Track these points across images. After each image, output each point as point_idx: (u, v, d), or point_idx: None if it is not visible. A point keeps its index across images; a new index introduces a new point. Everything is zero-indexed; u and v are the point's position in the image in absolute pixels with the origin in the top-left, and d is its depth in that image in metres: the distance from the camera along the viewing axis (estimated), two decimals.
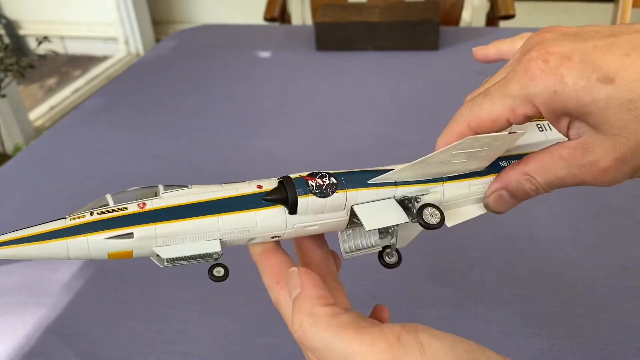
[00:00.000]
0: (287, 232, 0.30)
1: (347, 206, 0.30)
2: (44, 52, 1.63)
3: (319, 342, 0.25)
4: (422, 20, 0.96)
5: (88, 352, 0.46)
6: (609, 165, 0.26)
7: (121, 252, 0.27)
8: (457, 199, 0.33)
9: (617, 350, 0.43)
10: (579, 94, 0.25)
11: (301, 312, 0.27)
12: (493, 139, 0.29)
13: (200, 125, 0.81)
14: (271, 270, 0.31)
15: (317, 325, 0.26)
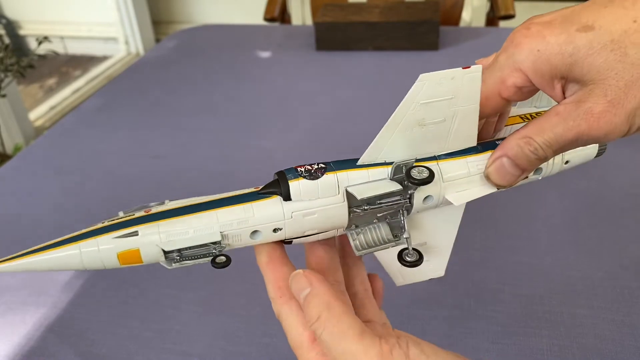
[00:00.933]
0: (286, 222, 0.30)
1: (341, 189, 0.30)
2: (44, 52, 1.63)
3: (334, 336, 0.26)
4: (422, 20, 0.96)
5: (88, 352, 0.46)
6: (603, 110, 0.26)
7: (129, 251, 0.28)
8: (457, 178, 0.32)
9: (617, 350, 0.43)
10: (562, 47, 0.26)
11: (319, 305, 0.27)
12: (447, 75, 0.29)
13: (200, 125, 0.81)
14: (276, 283, 0.31)
15: (333, 317, 0.26)
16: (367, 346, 0.25)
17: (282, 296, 0.30)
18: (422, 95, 0.30)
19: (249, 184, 0.33)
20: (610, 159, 0.38)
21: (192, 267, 0.31)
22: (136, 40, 2.79)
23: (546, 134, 0.28)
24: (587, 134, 0.27)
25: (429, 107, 0.30)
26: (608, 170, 0.63)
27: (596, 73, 0.26)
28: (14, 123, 2.03)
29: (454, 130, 0.31)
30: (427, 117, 0.30)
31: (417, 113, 0.30)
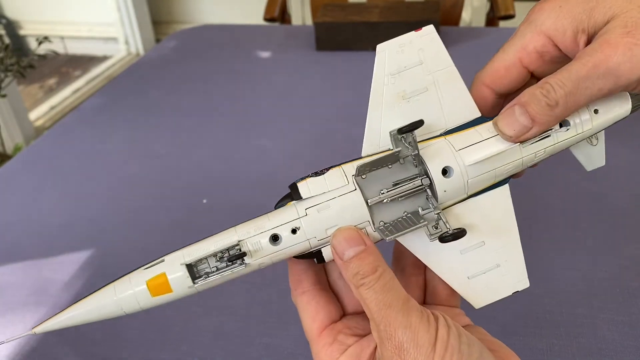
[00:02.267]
0: (302, 219, 0.29)
1: (349, 178, 0.29)
2: (44, 52, 1.63)
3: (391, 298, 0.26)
4: (422, 20, 0.96)
5: (88, 352, 0.46)
6: (621, 38, 0.25)
7: (156, 277, 0.29)
8: (471, 144, 0.30)
9: (617, 350, 0.43)
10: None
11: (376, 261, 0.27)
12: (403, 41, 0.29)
13: (200, 125, 0.81)
14: (294, 276, 0.32)
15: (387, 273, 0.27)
16: (410, 306, 0.25)
17: (297, 288, 0.31)
18: (389, 67, 0.29)
19: (249, 184, 0.33)
20: (611, 159, 0.38)
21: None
22: (136, 40, 2.80)
23: (560, 73, 0.27)
24: (604, 65, 0.26)
25: (402, 77, 0.29)
26: (608, 170, 0.63)
27: (618, 8, 0.25)
28: (14, 123, 2.03)
29: (444, 99, 0.30)
30: (407, 88, 0.30)
31: (395, 86, 0.29)
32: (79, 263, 0.56)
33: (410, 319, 0.25)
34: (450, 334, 0.25)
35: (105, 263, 0.56)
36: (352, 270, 0.27)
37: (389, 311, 0.25)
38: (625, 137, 0.71)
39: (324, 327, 0.30)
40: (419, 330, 0.25)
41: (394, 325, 0.25)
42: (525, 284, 0.31)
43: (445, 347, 0.24)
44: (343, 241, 0.28)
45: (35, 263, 0.57)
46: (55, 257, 0.57)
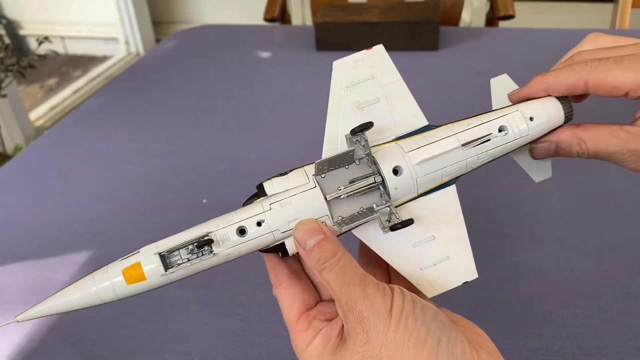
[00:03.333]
0: (267, 213, 0.31)
1: (310, 177, 0.32)
2: (45, 52, 1.63)
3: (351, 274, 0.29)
4: (422, 20, 0.96)
5: (88, 352, 0.46)
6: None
7: (131, 266, 0.31)
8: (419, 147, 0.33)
9: (617, 350, 0.43)
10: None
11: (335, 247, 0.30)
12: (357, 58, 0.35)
13: (201, 125, 0.81)
14: (271, 274, 0.34)
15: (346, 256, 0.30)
16: (367, 281, 0.28)
17: (275, 282, 0.34)
18: (345, 80, 0.34)
19: (249, 184, 0.33)
20: None
21: None
22: (136, 41, 2.80)
23: (599, 147, 0.33)
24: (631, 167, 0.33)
25: (356, 89, 0.34)
26: (608, 171, 0.63)
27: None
28: (14, 123, 2.03)
29: (394, 109, 0.34)
30: (361, 99, 0.34)
31: (350, 97, 0.34)
32: (79, 263, 0.56)
33: (367, 290, 0.28)
34: (405, 301, 0.28)
35: (105, 263, 0.56)
36: (314, 258, 0.30)
37: (348, 287, 0.28)
38: None
39: (300, 314, 0.32)
40: (375, 299, 0.28)
41: (354, 298, 0.28)
42: (474, 275, 0.34)
43: (401, 312, 0.27)
44: (304, 232, 0.30)
45: (35, 263, 0.57)
46: (55, 257, 0.57)
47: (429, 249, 0.33)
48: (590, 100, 0.39)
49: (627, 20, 1.14)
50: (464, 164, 0.34)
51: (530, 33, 1.05)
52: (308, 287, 0.34)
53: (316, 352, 0.30)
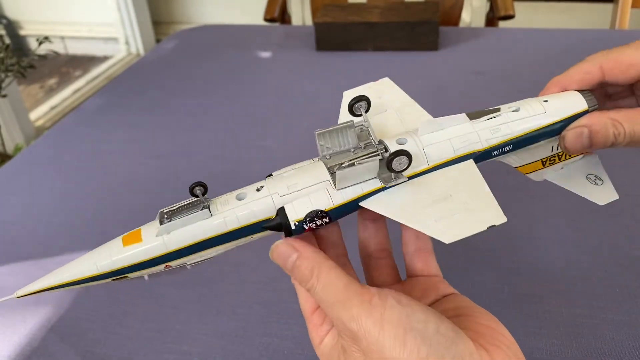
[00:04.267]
0: (267, 180, 0.32)
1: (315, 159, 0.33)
2: (45, 52, 1.63)
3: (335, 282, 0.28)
4: (421, 20, 0.96)
5: (88, 352, 0.46)
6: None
7: (132, 232, 0.31)
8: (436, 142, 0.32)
9: (617, 350, 0.43)
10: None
11: (309, 264, 0.29)
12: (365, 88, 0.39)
13: (200, 125, 0.81)
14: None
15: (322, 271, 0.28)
16: (350, 295, 0.27)
17: None
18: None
19: (249, 184, 0.33)
20: (610, 159, 0.38)
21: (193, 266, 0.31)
22: (136, 41, 2.80)
23: (635, 127, 0.31)
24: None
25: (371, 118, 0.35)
26: (608, 170, 0.63)
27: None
28: (14, 123, 2.03)
29: (404, 118, 0.35)
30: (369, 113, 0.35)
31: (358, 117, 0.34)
32: None
33: (352, 311, 0.26)
34: (400, 313, 0.26)
35: None
36: (297, 279, 0.29)
37: (333, 309, 0.27)
38: None
39: (315, 308, 0.32)
40: (361, 318, 0.26)
41: (342, 320, 0.26)
42: (502, 219, 0.31)
43: (395, 327, 0.25)
44: (278, 258, 0.30)
45: (35, 263, 0.57)
46: (55, 257, 0.57)
47: (444, 205, 0.30)
48: None
49: (627, 20, 1.14)
50: (475, 137, 0.33)
51: (530, 33, 1.05)
52: None
53: (327, 349, 0.30)
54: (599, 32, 1.05)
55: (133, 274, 0.31)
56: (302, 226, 0.30)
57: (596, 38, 1.02)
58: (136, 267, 0.30)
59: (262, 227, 0.31)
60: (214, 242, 0.31)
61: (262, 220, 0.31)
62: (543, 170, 0.37)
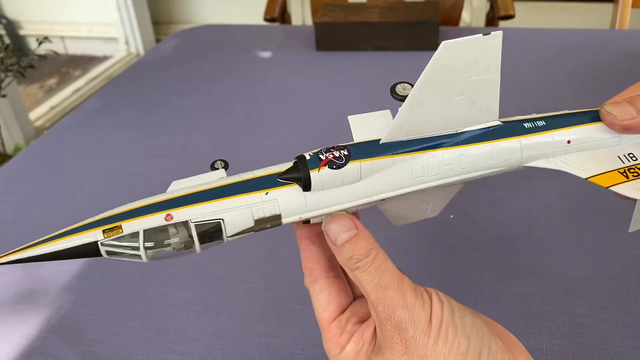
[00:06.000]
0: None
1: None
2: (45, 52, 1.63)
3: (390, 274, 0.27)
4: (422, 20, 0.96)
5: (88, 352, 0.46)
6: None
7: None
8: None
9: (617, 350, 0.43)
10: None
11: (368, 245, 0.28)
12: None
13: (201, 125, 0.81)
14: (306, 264, 0.32)
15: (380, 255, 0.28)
16: (405, 285, 0.27)
17: (310, 276, 0.32)
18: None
19: None
20: None
21: (192, 267, 0.31)
22: (136, 41, 2.80)
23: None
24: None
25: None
26: None
27: None
28: (14, 123, 2.03)
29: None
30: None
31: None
32: (79, 263, 0.56)
33: (406, 298, 0.26)
34: (444, 308, 0.27)
35: (105, 263, 0.56)
36: (346, 255, 0.28)
37: (385, 292, 0.27)
38: None
39: (334, 317, 0.31)
40: (415, 308, 0.26)
41: (392, 306, 0.26)
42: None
43: (440, 321, 0.26)
44: (335, 227, 0.29)
45: (34, 263, 0.56)
46: None
47: None
48: None
49: (627, 20, 1.14)
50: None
51: (530, 33, 1.05)
52: (344, 287, 0.32)
53: (350, 357, 0.29)
54: (599, 32, 1.05)
55: (127, 222, 0.27)
56: (317, 156, 0.28)
57: (596, 38, 1.02)
58: (132, 213, 0.28)
59: (278, 179, 0.29)
60: (221, 191, 0.28)
61: (278, 173, 0.29)
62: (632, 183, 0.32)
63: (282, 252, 0.55)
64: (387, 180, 0.29)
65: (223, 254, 0.55)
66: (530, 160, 0.32)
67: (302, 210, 0.28)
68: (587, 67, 0.90)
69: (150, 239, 0.27)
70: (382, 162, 0.29)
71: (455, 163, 0.30)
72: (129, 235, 0.27)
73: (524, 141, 0.32)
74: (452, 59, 0.29)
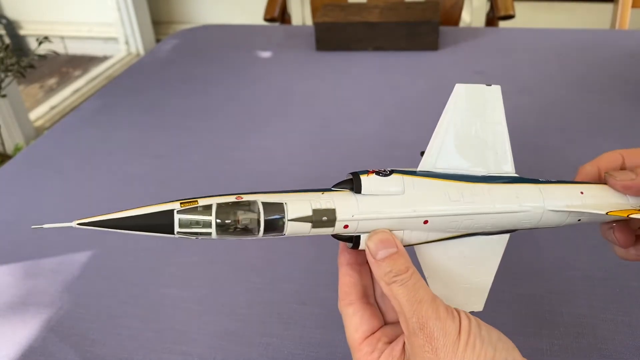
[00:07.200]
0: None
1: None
2: (45, 52, 1.63)
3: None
4: (422, 20, 0.96)
5: (88, 352, 0.46)
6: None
7: None
8: None
9: (617, 350, 0.43)
10: None
11: (407, 262, 0.31)
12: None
13: (200, 125, 0.81)
14: (342, 287, 0.34)
15: (416, 274, 0.30)
16: (438, 301, 0.29)
17: (344, 299, 0.34)
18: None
19: (249, 184, 0.33)
20: None
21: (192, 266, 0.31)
22: (136, 41, 2.80)
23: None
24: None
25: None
26: None
27: None
28: (14, 123, 2.03)
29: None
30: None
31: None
32: (79, 263, 0.56)
33: (439, 312, 0.29)
34: (472, 324, 0.29)
35: (105, 263, 0.56)
36: (385, 269, 0.30)
37: (420, 305, 0.29)
38: (625, 136, 0.71)
39: (365, 337, 0.32)
40: (447, 320, 0.28)
41: (425, 318, 0.28)
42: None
43: (468, 334, 0.28)
44: (378, 242, 0.31)
45: (35, 263, 0.57)
46: (55, 257, 0.57)
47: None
48: None
49: (627, 20, 1.14)
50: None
51: (530, 33, 1.05)
52: (376, 313, 0.34)
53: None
54: (599, 32, 1.05)
55: (203, 198, 0.29)
56: (366, 170, 0.32)
57: (596, 38, 1.02)
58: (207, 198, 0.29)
59: (332, 187, 0.32)
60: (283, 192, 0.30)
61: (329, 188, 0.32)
62: None
63: (282, 252, 0.55)
64: (428, 198, 0.32)
65: (223, 253, 0.55)
66: (551, 206, 0.35)
67: (354, 211, 0.31)
68: (587, 67, 0.90)
69: (221, 214, 0.29)
70: (422, 181, 0.32)
71: (486, 195, 0.33)
72: (203, 208, 0.29)
73: (543, 187, 0.35)
74: (466, 101, 0.35)
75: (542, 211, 0.34)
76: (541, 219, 0.35)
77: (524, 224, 0.35)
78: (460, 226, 0.33)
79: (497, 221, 0.34)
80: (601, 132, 0.72)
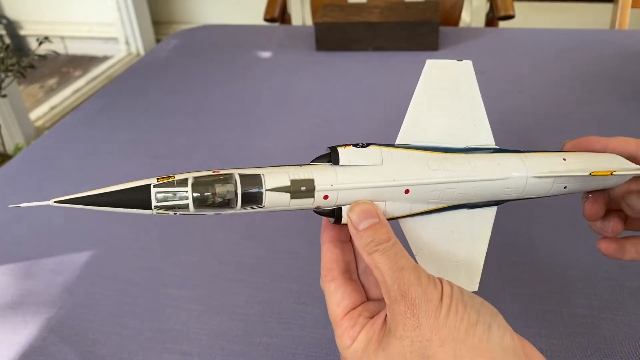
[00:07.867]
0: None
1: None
2: (45, 52, 1.63)
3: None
4: (422, 20, 0.96)
5: (88, 352, 0.46)
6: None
7: None
8: None
9: (617, 350, 0.43)
10: None
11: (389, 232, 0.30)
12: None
13: (200, 125, 0.81)
14: (325, 264, 0.34)
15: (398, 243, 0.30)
16: (420, 269, 0.29)
17: (327, 276, 0.34)
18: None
19: None
20: None
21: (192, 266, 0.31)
22: (136, 41, 2.80)
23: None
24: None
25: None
26: None
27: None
28: (14, 123, 2.03)
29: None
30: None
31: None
32: (79, 263, 0.56)
33: (421, 278, 0.29)
34: (453, 289, 0.29)
35: (105, 263, 0.56)
36: (366, 239, 0.30)
37: (402, 272, 0.29)
38: (625, 136, 0.71)
39: (347, 312, 0.32)
40: (428, 287, 0.28)
41: (407, 284, 0.28)
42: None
43: (450, 299, 0.28)
44: (360, 213, 0.31)
45: (35, 263, 0.57)
46: (55, 257, 0.57)
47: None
48: None
49: (627, 20, 1.14)
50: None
51: (530, 33, 1.05)
52: (358, 289, 0.34)
53: (361, 345, 0.30)
54: (599, 32, 1.05)
55: (179, 174, 0.29)
56: (343, 144, 0.32)
57: (596, 38, 1.02)
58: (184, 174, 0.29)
59: (310, 162, 0.32)
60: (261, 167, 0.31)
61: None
62: None
63: (282, 252, 0.55)
64: (407, 168, 0.32)
65: (223, 253, 0.55)
66: (535, 172, 0.34)
67: (333, 180, 0.30)
68: (586, 67, 0.90)
69: (198, 187, 0.28)
70: (400, 152, 0.32)
71: (466, 165, 0.32)
72: (179, 181, 0.28)
73: (525, 156, 0.35)
74: (438, 77, 0.35)
75: (525, 178, 0.34)
76: (525, 186, 0.34)
77: (509, 193, 0.34)
78: (443, 196, 0.32)
79: (480, 190, 0.33)
80: (601, 132, 0.72)
